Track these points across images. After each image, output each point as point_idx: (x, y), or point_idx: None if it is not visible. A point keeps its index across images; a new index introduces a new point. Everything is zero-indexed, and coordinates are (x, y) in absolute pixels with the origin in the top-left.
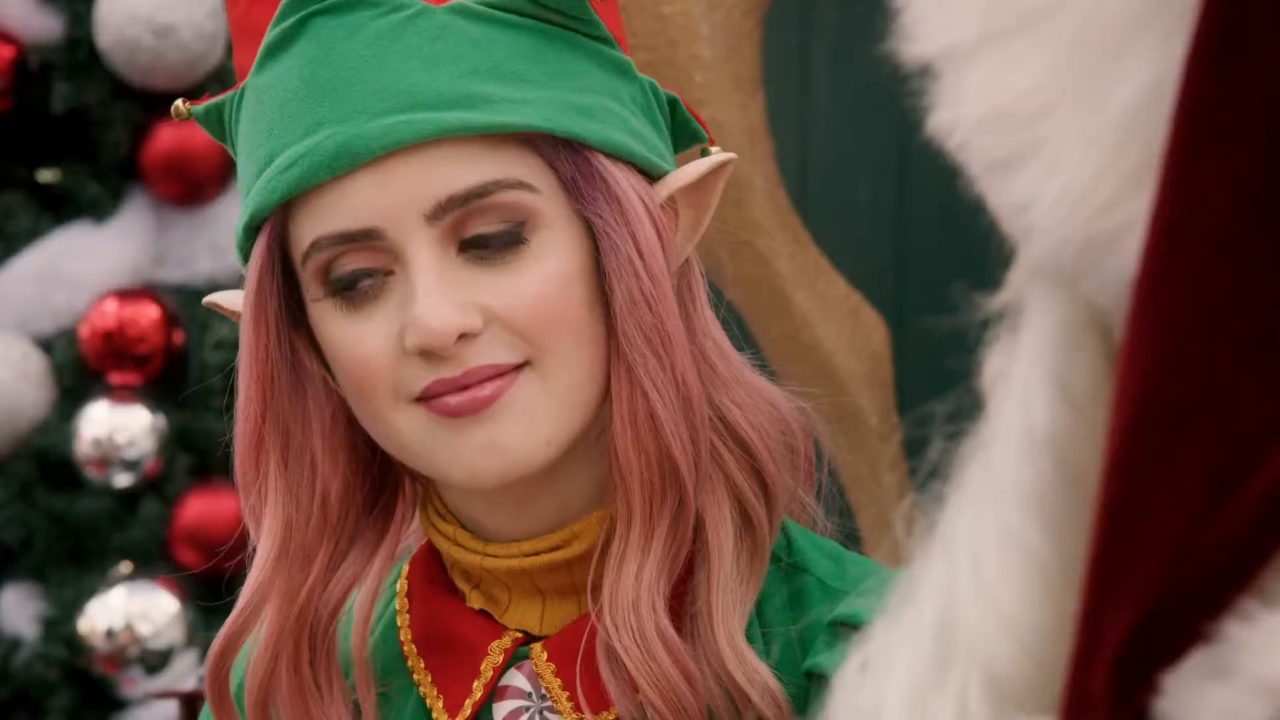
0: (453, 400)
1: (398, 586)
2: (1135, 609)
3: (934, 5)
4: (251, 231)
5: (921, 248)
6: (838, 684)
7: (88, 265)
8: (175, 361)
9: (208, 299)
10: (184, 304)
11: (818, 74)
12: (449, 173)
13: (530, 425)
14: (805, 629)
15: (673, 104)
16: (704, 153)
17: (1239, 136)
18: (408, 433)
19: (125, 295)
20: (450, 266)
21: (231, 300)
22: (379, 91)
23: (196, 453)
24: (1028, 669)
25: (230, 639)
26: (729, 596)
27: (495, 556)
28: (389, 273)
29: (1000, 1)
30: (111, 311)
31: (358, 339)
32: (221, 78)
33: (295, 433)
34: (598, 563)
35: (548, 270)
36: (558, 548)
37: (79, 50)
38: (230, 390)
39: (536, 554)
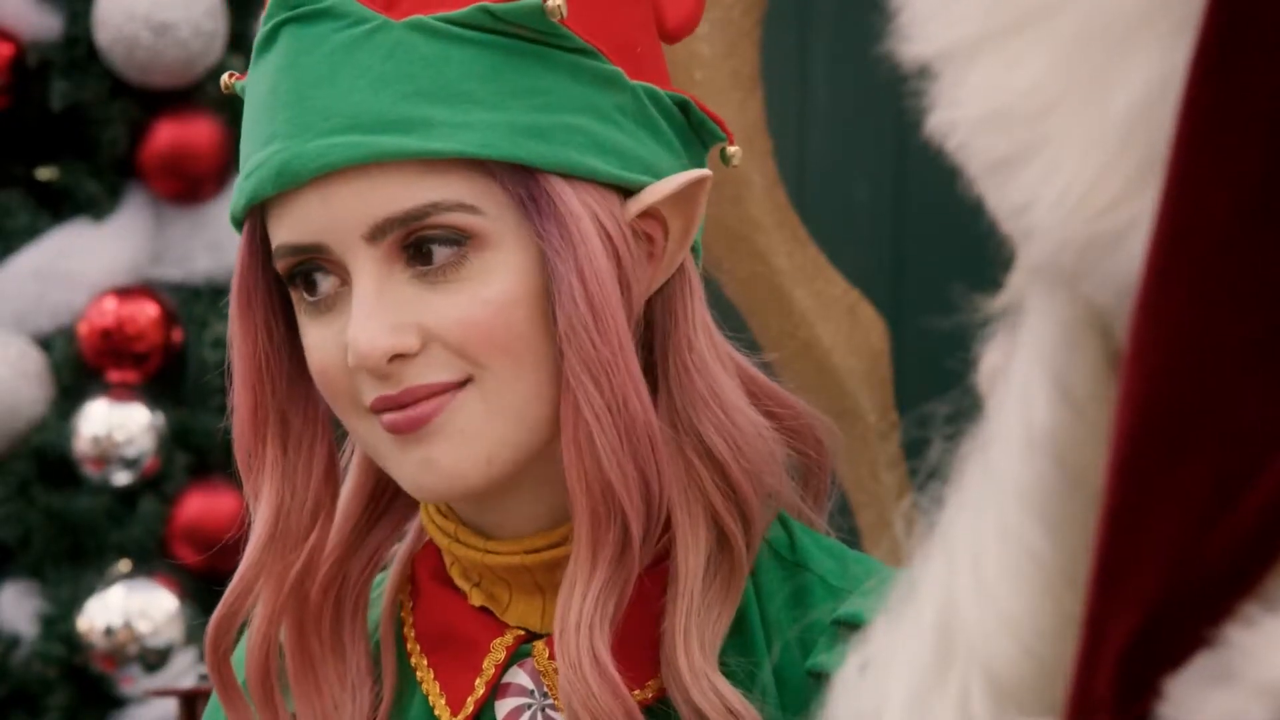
0: (393, 418)
1: (402, 583)
2: (1139, 612)
3: (933, 4)
4: (238, 224)
5: (920, 246)
6: (838, 685)
7: (86, 263)
8: (174, 359)
9: None
10: (182, 302)
11: (816, 72)
12: (387, 194)
13: (467, 445)
14: (807, 628)
15: (684, 106)
16: (722, 153)
17: (1245, 138)
18: (367, 439)
19: (124, 293)
20: (393, 284)
21: None
22: (324, 110)
23: (195, 450)
24: (1029, 669)
25: (224, 619)
26: (695, 619)
27: (496, 553)
28: (344, 283)
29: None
30: (110, 309)
31: (319, 345)
32: (220, 75)
33: (294, 421)
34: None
35: (488, 293)
36: (559, 544)
37: (77, 48)
38: (227, 388)
39: (538, 550)
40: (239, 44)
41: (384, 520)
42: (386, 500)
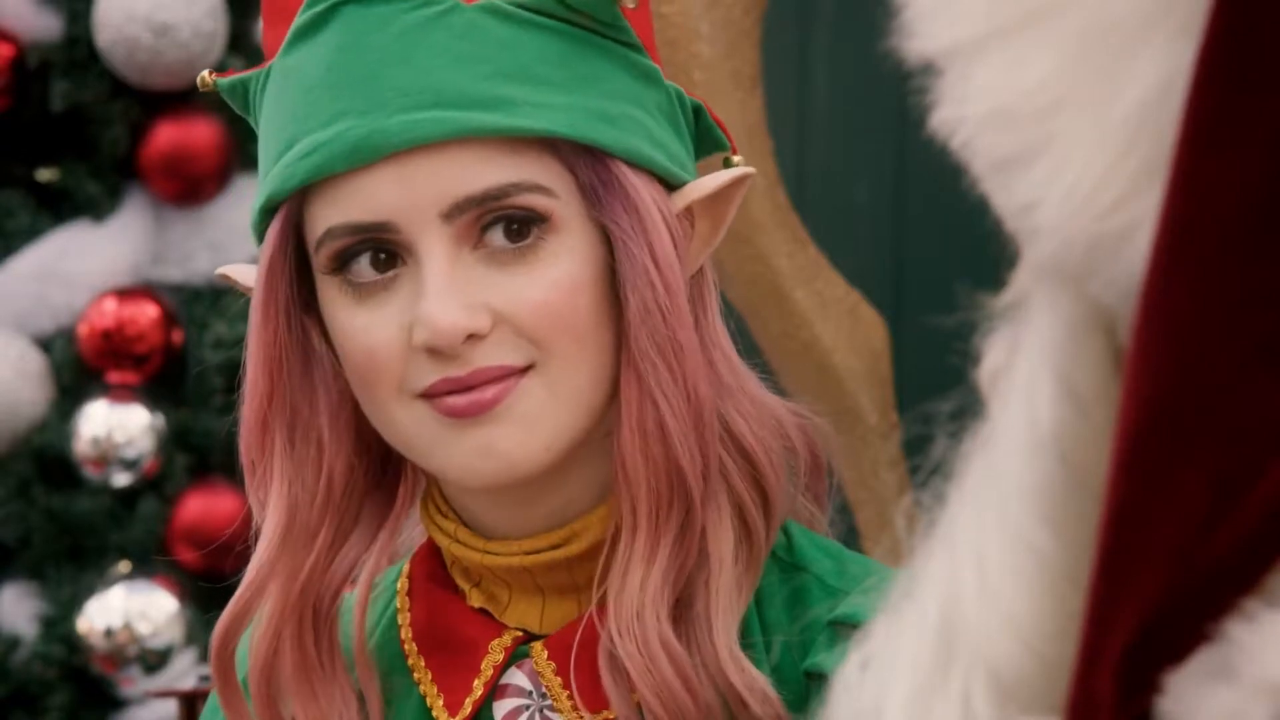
0: (457, 401)
1: (398, 585)
2: (1141, 611)
3: (939, 1)
4: (267, 213)
5: (920, 246)
6: (838, 683)
7: (86, 264)
8: (174, 360)
9: (220, 269)
10: (183, 303)
11: (816, 72)
12: (467, 173)
13: (530, 430)
14: (805, 628)
15: (697, 111)
16: (726, 162)
17: (1249, 138)
18: (409, 427)
19: (124, 294)
20: (462, 265)
21: (244, 275)
22: (404, 87)
23: (195, 451)
24: (1031, 667)
25: (235, 618)
26: (727, 604)
27: (496, 554)
28: (401, 265)
29: None
30: (110, 310)
31: (365, 328)
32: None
33: (302, 412)
34: (602, 568)
35: (558, 275)
36: (558, 546)
37: (78, 49)
38: (230, 389)
39: (537, 552)
40: (239, 44)
41: (358, 530)
42: (355, 510)
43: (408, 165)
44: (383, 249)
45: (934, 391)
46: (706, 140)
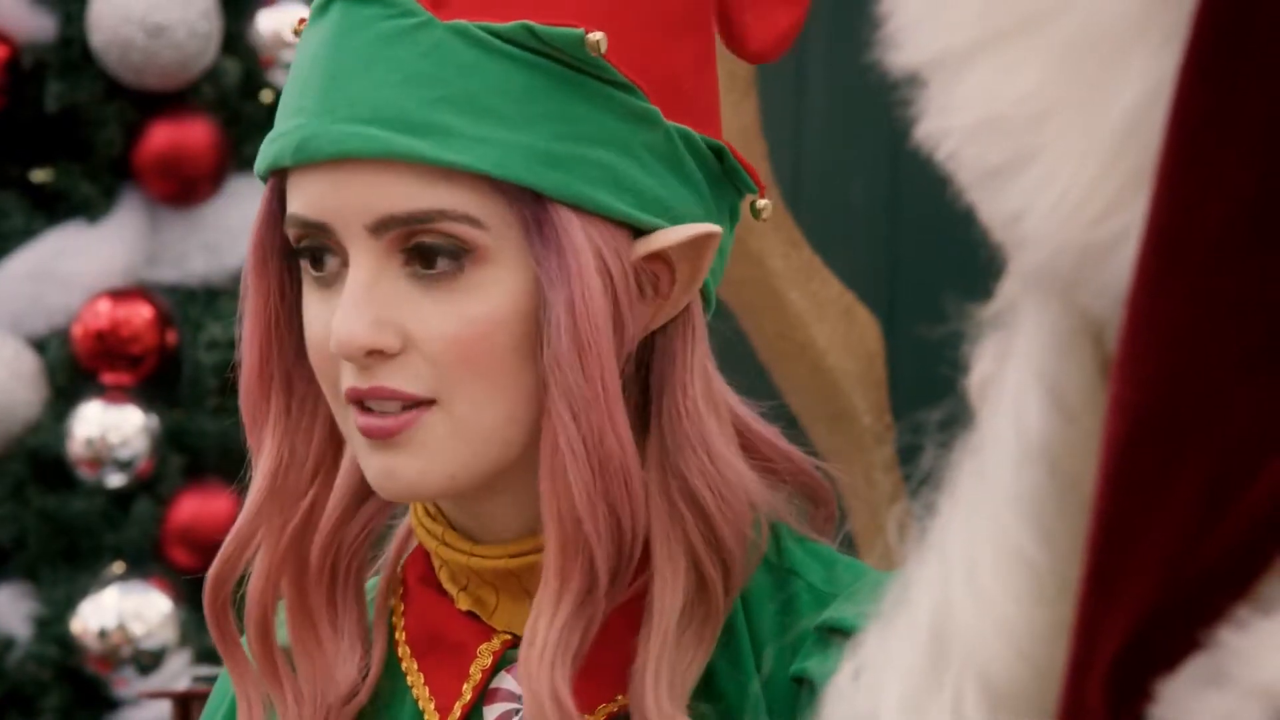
0: (364, 420)
1: (394, 586)
2: (1130, 618)
3: (924, 11)
4: (263, 178)
5: (915, 248)
6: (831, 692)
7: (81, 265)
8: (168, 361)
9: None
10: (177, 304)
11: (812, 75)
12: (396, 192)
13: (429, 462)
14: (794, 636)
15: (719, 152)
16: (752, 205)
17: (1236, 144)
18: (344, 425)
19: (118, 295)
20: (386, 279)
21: None
22: (352, 97)
23: (189, 452)
24: (1024, 675)
25: (222, 569)
26: (667, 660)
27: (482, 557)
28: (346, 265)
29: (995, 7)
30: (104, 311)
31: (315, 318)
32: (215, 77)
33: (298, 380)
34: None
35: (476, 311)
36: (542, 549)
37: (72, 50)
38: (224, 390)
39: (523, 554)
40: (233, 45)
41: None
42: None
43: (341, 174)
44: (331, 248)
45: (928, 394)
46: (735, 180)
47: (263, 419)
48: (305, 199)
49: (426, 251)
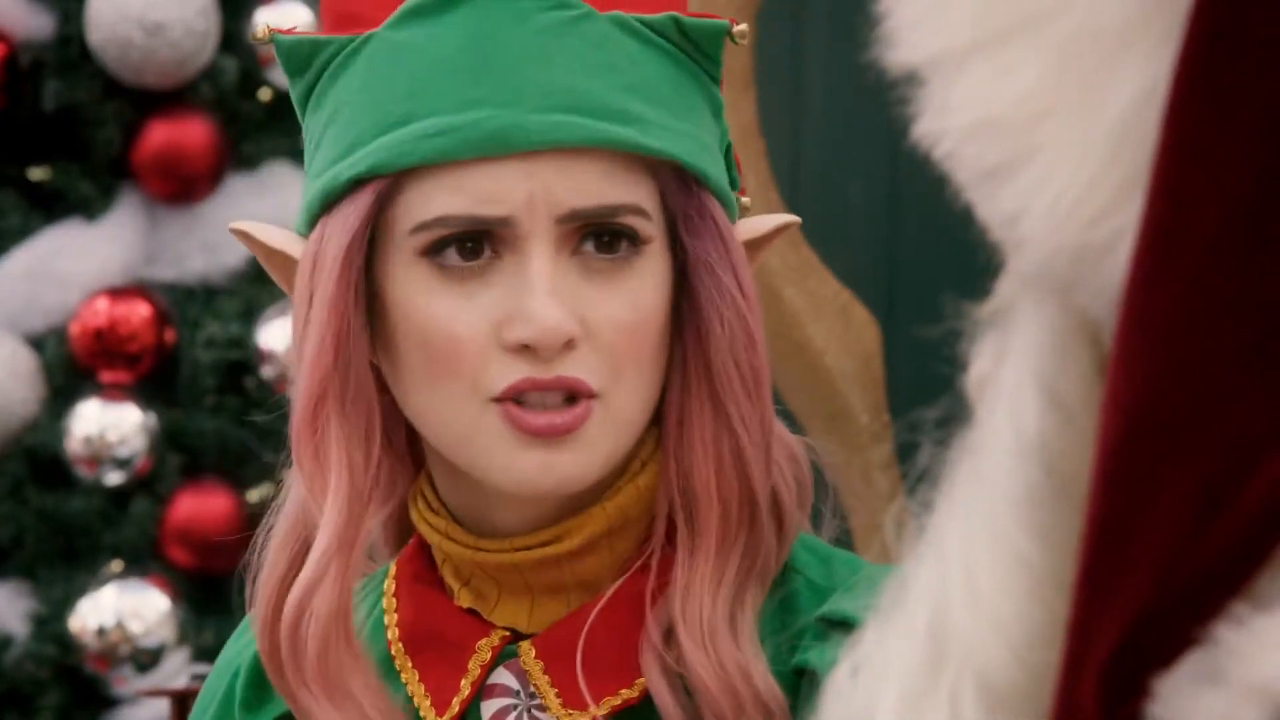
0: (535, 420)
1: (385, 586)
2: (1124, 618)
3: (922, 11)
4: (354, 184)
5: (913, 247)
6: (829, 689)
7: (79, 263)
8: (166, 360)
9: (234, 225)
10: (175, 302)
11: (810, 73)
12: (590, 183)
13: (590, 457)
14: (792, 627)
15: (727, 151)
16: (736, 200)
17: (1230, 143)
18: (468, 427)
19: (116, 293)
20: (561, 270)
21: (262, 232)
22: (544, 86)
23: (187, 451)
24: (1020, 675)
25: (306, 595)
26: (753, 619)
27: (487, 551)
28: (493, 256)
29: (993, 8)
30: (102, 310)
31: (452, 315)
32: (213, 75)
33: (360, 384)
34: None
35: (641, 296)
36: (549, 543)
37: (70, 48)
38: (221, 389)
39: (529, 548)
40: (231, 44)
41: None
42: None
43: (537, 164)
44: (476, 238)
45: (926, 393)
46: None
47: (324, 427)
48: (481, 194)
49: (605, 241)
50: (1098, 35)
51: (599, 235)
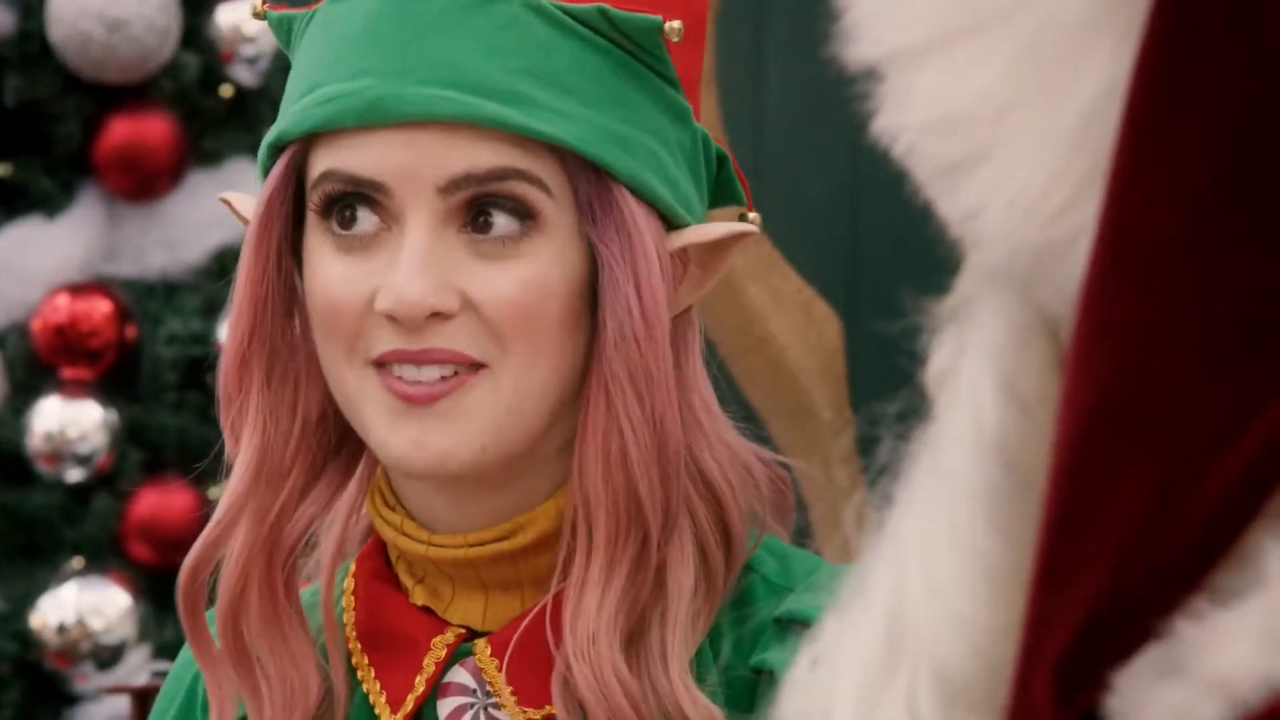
0: (406, 387)
1: (345, 585)
2: (1079, 614)
3: (881, 6)
4: (275, 151)
5: (874, 243)
6: (787, 683)
7: (39, 259)
8: (127, 356)
9: (222, 195)
10: (136, 298)
11: (771, 70)
12: (474, 151)
13: (467, 431)
14: (751, 628)
15: (721, 159)
16: (742, 217)
17: (1188, 142)
18: (355, 393)
19: (77, 289)
20: (443, 244)
21: (242, 204)
22: (432, 61)
23: (149, 447)
24: (977, 669)
25: (204, 552)
26: (683, 636)
27: (440, 546)
28: (384, 229)
29: (952, 4)
30: (63, 306)
31: (337, 279)
32: (174, 71)
33: (281, 352)
34: (559, 567)
35: (532, 274)
36: (503, 539)
37: (31, 43)
38: (183, 385)
39: (482, 544)
40: (193, 40)
41: (319, 485)
42: (323, 461)
43: (416, 134)
44: (366, 203)
45: (887, 388)
46: (725, 190)
47: (246, 391)
48: (362, 158)
49: (491, 215)
50: (1058, 32)
51: (481, 212)
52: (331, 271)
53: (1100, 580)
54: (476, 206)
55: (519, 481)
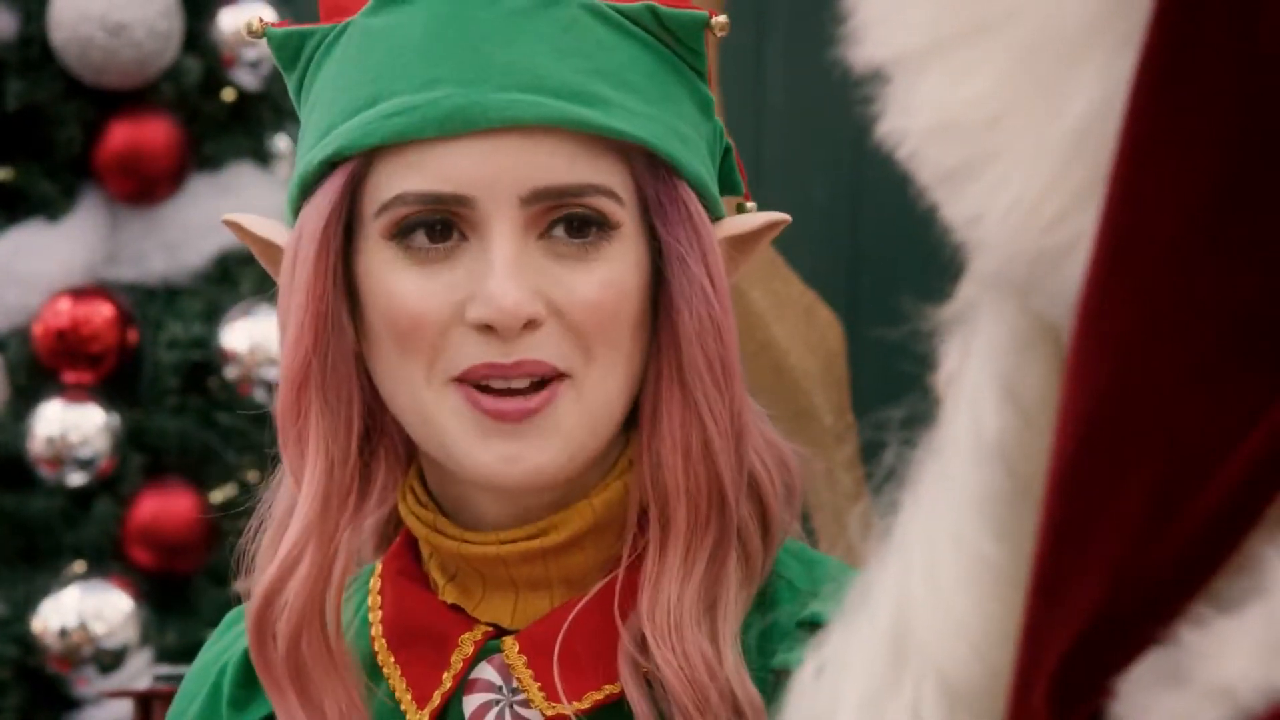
0: (500, 405)
1: (371, 584)
2: (1078, 621)
3: (885, 10)
4: (327, 166)
5: (876, 247)
6: (795, 687)
7: (41, 264)
8: (128, 360)
9: (227, 217)
10: (137, 302)
11: (773, 74)
12: (553, 163)
13: (560, 444)
14: (770, 629)
15: (726, 151)
16: (740, 208)
17: (1189, 149)
18: (436, 413)
19: (78, 294)
20: (526, 252)
21: (253, 224)
22: (506, 66)
23: (150, 451)
24: (980, 674)
25: (280, 579)
26: (734, 622)
27: (473, 543)
28: (460, 239)
29: (950, 9)
30: (65, 310)
31: (416, 293)
32: (175, 76)
33: (340, 371)
34: (625, 579)
35: (613, 278)
36: (535, 536)
37: (32, 48)
38: (184, 389)
39: (514, 541)
40: (194, 44)
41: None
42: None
43: (498, 143)
44: (445, 222)
45: (889, 393)
46: (726, 181)
47: (305, 414)
48: (444, 172)
49: (573, 225)
50: (1057, 39)
51: (569, 222)
52: (408, 286)
53: (1098, 588)
54: (554, 216)
55: (565, 483)
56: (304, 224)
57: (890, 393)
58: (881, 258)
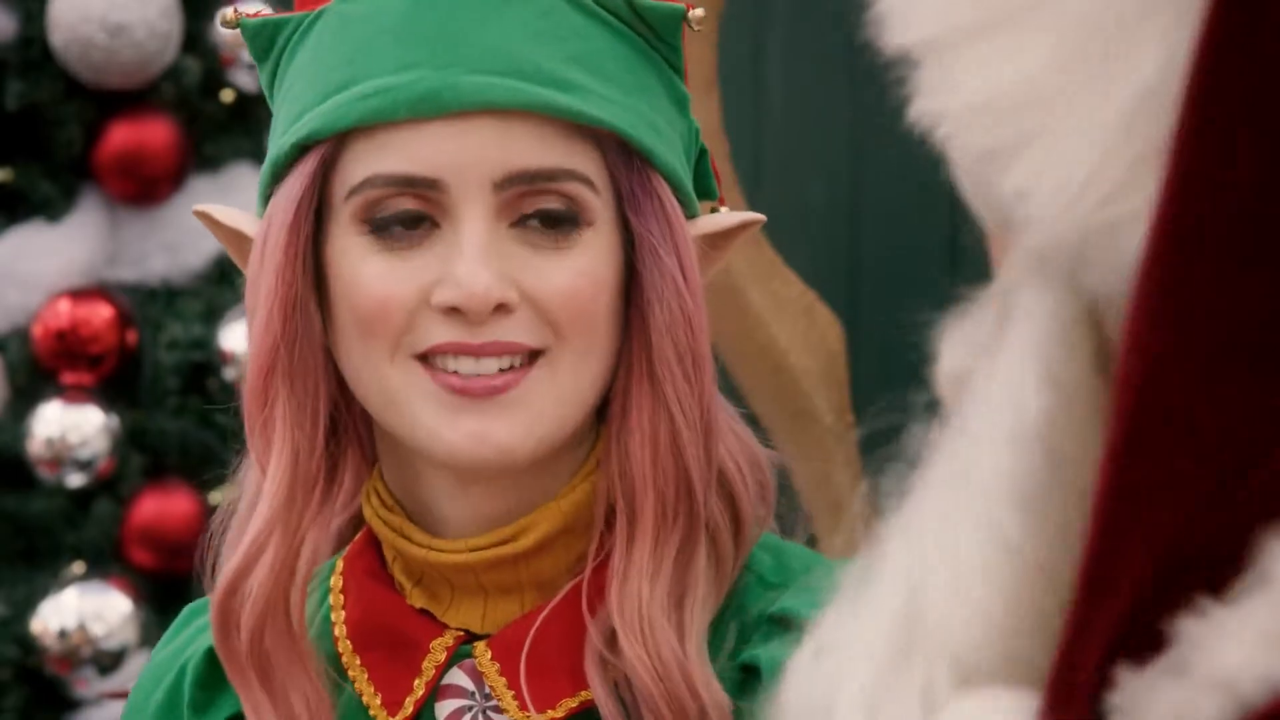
0: (468, 383)
1: (332, 582)
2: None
3: None
4: (299, 150)
5: (875, 247)
6: (790, 672)
7: (40, 264)
8: (129, 361)
9: (197, 208)
10: (137, 303)
11: (772, 73)
12: (527, 147)
13: (530, 422)
14: (742, 624)
15: (701, 153)
16: (714, 210)
17: (1251, 125)
18: (400, 390)
19: (78, 295)
20: (498, 238)
21: (224, 214)
22: (481, 50)
23: (150, 452)
24: (996, 658)
25: (244, 568)
26: (702, 621)
27: (440, 551)
28: (432, 227)
29: None
30: (64, 311)
31: (381, 275)
32: (175, 76)
33: (306, 358)
34: (592, 575)
35: (586, 265)
36: (505, 542)
37: (32, 49)
38: (184, 390)
39: (481, 549)
40: (194, 44)
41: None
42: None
43: (470, 126)
44: (419, 215)
45: (889, 393)
46: (700, 184)
47: (273, 402)
48: (414, 155)
49: (544, 211)
50: (1110, 14)
51: (543, 217)
52: (374, 269)
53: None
54: (530, 202)
55: (533, 480)
56: (274, 209)
57: (890, 393)
58: (881, 258)
